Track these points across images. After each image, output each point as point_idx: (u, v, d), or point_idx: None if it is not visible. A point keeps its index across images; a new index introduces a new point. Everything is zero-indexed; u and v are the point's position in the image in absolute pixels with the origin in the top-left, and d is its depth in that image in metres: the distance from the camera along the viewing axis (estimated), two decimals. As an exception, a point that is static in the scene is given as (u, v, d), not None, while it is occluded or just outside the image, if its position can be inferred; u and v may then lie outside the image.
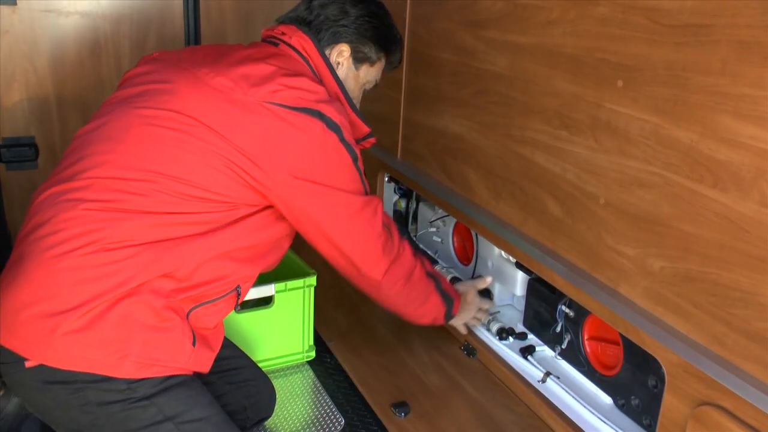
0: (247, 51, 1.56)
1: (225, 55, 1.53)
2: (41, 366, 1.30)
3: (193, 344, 1.40)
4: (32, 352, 1.30)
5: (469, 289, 1.99)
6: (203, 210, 1.40)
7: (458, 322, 2.00)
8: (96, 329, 1.29)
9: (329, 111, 1.46)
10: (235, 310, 1.64)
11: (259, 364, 1.78)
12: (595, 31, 1.43)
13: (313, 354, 2.01)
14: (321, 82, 1.59)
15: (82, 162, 1.41)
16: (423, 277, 1.77)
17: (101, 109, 1.51)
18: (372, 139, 1.73)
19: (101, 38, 2.50)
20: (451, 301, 1.87)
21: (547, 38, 1.57)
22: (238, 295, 1.52)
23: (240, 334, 1.90)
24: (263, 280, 1.78)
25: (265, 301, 1.93)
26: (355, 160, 1.53)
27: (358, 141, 1.65)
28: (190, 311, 1.42)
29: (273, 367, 1.97)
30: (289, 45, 1.60)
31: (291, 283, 1.93)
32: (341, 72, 1.67)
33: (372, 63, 1.72)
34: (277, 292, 1.91)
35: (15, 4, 2.34)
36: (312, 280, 1.96)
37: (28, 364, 1.30)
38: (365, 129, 1.68)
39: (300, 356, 2.01)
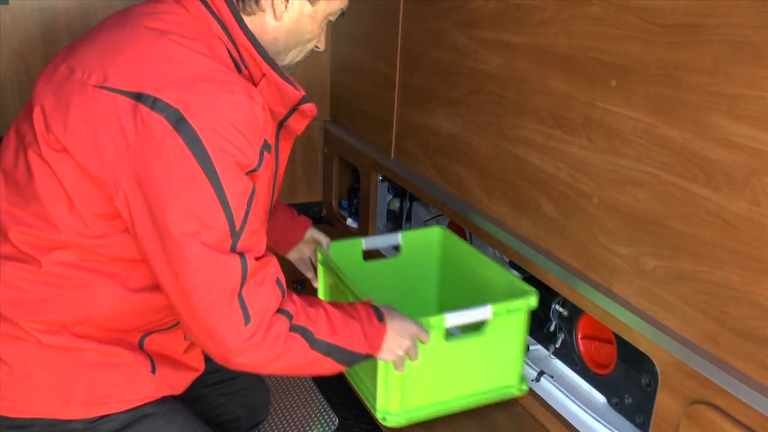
0: (141, 8, 1.20)
1: (115, 26, 1.19)
2: None
3: (153, 371, 1.26)
4: None
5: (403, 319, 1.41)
6: (77, 239, 1.13)
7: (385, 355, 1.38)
8: (37, 374, 1.19)
9: (176, 98, 1.02)
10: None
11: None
12: (588, 31, 1.43)
13: (525, 387, 1.68)
14: (233, 42, 1.17)
15: None
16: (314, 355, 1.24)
17: None
18: (308, 105, 1.24)
19: (94, 37, 2.50)
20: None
21: (540, 38, 1.57)
22: None
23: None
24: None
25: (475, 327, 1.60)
26: (211, 173, 1.03)
27: (292, 110, 1.24)
28: (143, 338, 1.27)
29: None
30: None
31: (509, 304, 1.57)
32: (292, 13, 1.21)
33: None
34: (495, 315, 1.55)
35: (7, 3, 2.33)
36: (532, 300, 1.59)
37: None
38: (296, 94, 1.21)
39: (512, 389, 1.67)
